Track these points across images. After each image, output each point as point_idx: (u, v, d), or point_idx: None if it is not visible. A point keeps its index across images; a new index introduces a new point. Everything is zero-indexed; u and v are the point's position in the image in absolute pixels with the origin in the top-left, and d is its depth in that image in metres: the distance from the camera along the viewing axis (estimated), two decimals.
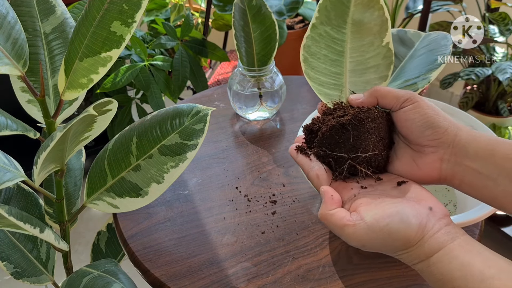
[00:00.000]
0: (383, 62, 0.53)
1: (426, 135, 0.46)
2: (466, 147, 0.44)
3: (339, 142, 0.47)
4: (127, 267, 0.71)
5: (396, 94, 0.48)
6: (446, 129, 0.45)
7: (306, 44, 0.54)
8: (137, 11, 0.54)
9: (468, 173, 0.44)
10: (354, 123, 0.47)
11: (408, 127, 0.47)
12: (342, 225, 0.43)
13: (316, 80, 0.54)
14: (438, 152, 0.46)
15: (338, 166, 0.48)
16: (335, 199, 0.45)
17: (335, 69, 0.54)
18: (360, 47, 0.54)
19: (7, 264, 0.73)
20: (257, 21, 0.88)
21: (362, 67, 0.54)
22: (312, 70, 0.54)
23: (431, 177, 0.46)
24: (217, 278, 0.64)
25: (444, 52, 0.57)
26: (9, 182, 0.54)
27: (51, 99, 0.66)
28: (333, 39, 0.54)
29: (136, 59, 1.39)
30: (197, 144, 0.63)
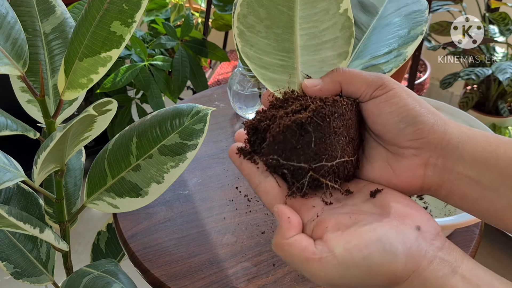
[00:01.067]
0: (341, 34, 0.42)
1: (407, 133, 0.35)
2: (460, 148, 0.34)
3: (296, 148, 0.35)
4: (127, 267, 0.71)
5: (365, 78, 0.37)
6: (432, 125, 0.35)
7: (241, 13, 0.40)
8: (137, 11, 0.54)
9: (460, 181, 0.34)
10: (316, 122, 0.35)
11: (382, 123, 0.36)
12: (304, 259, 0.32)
13: (257, 61, 0.41)
14: (422, 154, 0.35)
15: (295, 179, 0.36)
16: (294, 222, 0.34)
17: (282, 44, 0.41)
18: (312, 15, 0.41)
19: (7, 264, 0.73)
20: None
21: (317, 42, 0.41)
22: (251, 48, 0.41)
23: (411, 186, 0.36)
24: (217, 278, 0.64)
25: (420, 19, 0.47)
26: (9, 182, 0.54)
27: (51, 99, 0.66)
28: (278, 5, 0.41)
29: (136, 59, 1.39)
30: (197, 144, 0.63)
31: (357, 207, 0.35)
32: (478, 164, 0.34)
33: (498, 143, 0.34)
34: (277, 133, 0.36)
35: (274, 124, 0.36)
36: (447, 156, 0.35)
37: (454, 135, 0.35)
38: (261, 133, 0.38)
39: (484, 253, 1.42)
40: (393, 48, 0.46)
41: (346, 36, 0.42)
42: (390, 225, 0.32)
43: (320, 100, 0.37)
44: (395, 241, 0.31)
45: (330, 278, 0.32)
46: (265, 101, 0.40)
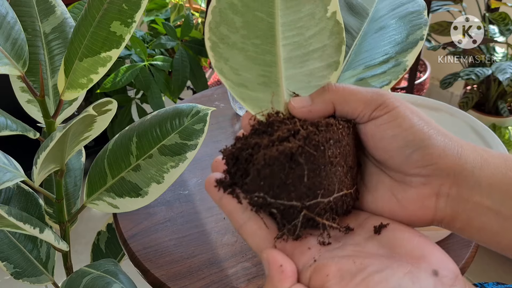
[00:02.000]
0: (330, 42, 0.36)
1: (414, 159, 0.30)
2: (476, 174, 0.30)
3: (286, 184, 0.29)
4: (127, 267, 0.71)
5: (362, 96, 0.31)
6: (444, 148, 0.30)
7: (213, 21, 0.35)
8: (137, 11, 0.54)
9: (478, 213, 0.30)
10: (309, 152, 0.29)
11: (384, 148, 0.31)
12: None
13: (233, 78, 0.34)
14: (432, 183, 0.30)
15: (286, 220, 0.30)
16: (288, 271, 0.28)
17: (263, 57, 0.35)
18: (296, 21, 0.35)
19: (7, 264, 0.73)
20: None
21: (303, 52, 0.35)
22: (226, 63, 0.34)
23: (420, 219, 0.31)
24: (217, 278, 0.64)
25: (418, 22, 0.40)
26: (9, 182, 0.54)
27: (50, 99, 0.66)
28: (255, 11, 0.34)
29: (136, 59, 1.39)
30: (197, 144, 0.63)
31: (360, 248, 0.30)
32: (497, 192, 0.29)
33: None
34: (262, 166, 0.29)
35: (259, 155, 0.30)
36: (461, 184, 0.30)
37: (469, 159, 0.30)
38: (243, 163, 0.31)
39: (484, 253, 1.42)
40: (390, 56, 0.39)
41: (336, 43, 0.36)
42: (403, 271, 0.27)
43: (312, 125, 0.31)
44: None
45: None
46: (246, 125, 0.33)
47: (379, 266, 0.27)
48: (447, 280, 0.27)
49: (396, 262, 0.27)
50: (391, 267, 0.27)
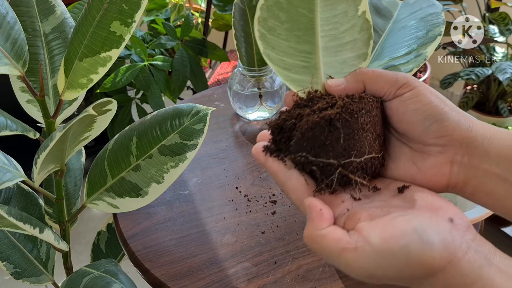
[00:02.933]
0: (360, 36, 0.42)
1: (432, 130, 0.35)
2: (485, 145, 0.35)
3: (325, 145, 0.35)
4: (127, 267, 0.71)
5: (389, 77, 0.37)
6: (458, 122, 0.35)
7: (261, 16, 0.41)
8: (137, 11, 0.54)
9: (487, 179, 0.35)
10: (345, 118, 0.35)
11: (407, 121, 0.36)
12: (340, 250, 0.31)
13: (279, 63, 0.41)
14: (447, 152, 0.35)
15: (325, 176, 0.36)
16: (326, 214, 0.33)
17: (304, 46, 0.41)
18: (332, 17, 0.42)
19: (7, 264, 0.73)
20: None
21: (337, 43, 0.42)
22: (272, 51, 0.41)
23: (437, 184, 0.36)
24: (217, 278, 0.64)
25: (437, 21, 0.48)
26: (9, 182, 0.54)
27: (50, 99, 0.66)
28: (298, 8, 0.41)
29: (136, 59, 1.39)
30: (197, 144, 0.63)
31: (386, 202, 0.35)
32: (504, 161, 0.34)
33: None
34: (305, 130, 0.35)
35: (302, 122, 0.36)
36: (472, 153, 0.35)
37: (479, 132, 0.35)
38: (287, 132, 0.37)
39: None
40: (412, 49, 0.47)
41: (365, 38, 0.42)
42: (424, 216, 0.32)
43: (347, 97, 0.37)
44: (431, 231, 0.31)
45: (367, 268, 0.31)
46: (289, 101, 0.40)
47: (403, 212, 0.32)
48: (461, 227, 0.32)
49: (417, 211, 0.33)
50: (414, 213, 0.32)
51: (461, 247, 0.31)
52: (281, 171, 0.37)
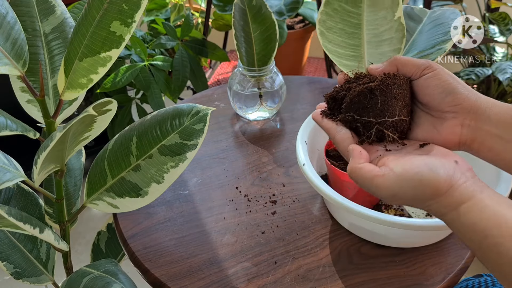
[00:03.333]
0: (396, 35, 0.58)
1: (447, 101, 0.47)
2: (487, 112, 0.45)
3: (367, 107, 0.48)
4: (127, 267, 0.71)
5: (416, 62, 0.49)
6: (466, 95, 0.46)
7: (321, 19, 0.58)
8: (137, 11, 0.54)
9: (488, 137, 0.45)
10: (382, 89, 0.48)
11: (429, 94, 0.48)
12: (372, 176, 0.43)
13: (334, 53, 0.58)
14: (459, 117, 0.46)
15: (366, 130, 0.49)
16: (364, 154, 0.46)
17: (353, 41, 0.58)
18: (374, 20, 0.58)
19: (7, 264, 0.73)
20: (257, 21, 0.88)
21: (378, 40, 0.58)
22: (329, 43, 0.58)
23: (451, 141, 0.47)
24: (217, 278, 0.64)
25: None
26: (9, 182, 0.54)
27: (50, 99, 0.66)
28: (349, 13, 0.58)
29: (136, 59, 1.39)
30: (197, 144, 0.63)
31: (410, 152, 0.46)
32: (501, 124, 0.44)
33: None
34: (353, 96, 0.48)
35: (351, 91, 0.49)
36: (477, 118, 0.46)
37: (483, 102, 0.46)
38: (339, 101, 0.50)
39: None
40: (435, 44, 0.61)
41: (399, 36, 0.58)
42: (435, 157, 0.44)
43: (385, 75, 0.49)
44: (438, 165, 0.42)
45: (392, 189, 0.43)
46: (341, 79, 0.52)
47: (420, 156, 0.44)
48: (463, 168, 0.43)
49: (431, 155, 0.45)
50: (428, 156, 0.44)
51: (460, 178, 0.42)
52: (333, 128, 0.50)
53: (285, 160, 0.84)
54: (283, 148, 0.87)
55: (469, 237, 0.40)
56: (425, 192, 0.42)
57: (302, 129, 0.71)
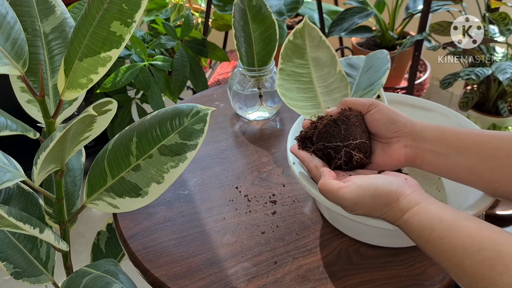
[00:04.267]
0: (341, 84, 0.72)
1: (391, 129, 0.58)
2: (423, 133, 0.57)
3: (333, 135, 0.58)
4: (127, 267, 0.71)
5: (362, 101, 0.61)
6: (404, 122, 0.58)
7: (279, 83, 0.71)
8: (137, 11, 0.54)
9: (426, 153, 0.57)
10: (343, 119, 0.59)
11: (376, 125, 0.60)
12: (338, 188, 0.53)
13: (296, 106, 0.70)
14: (401, 140, 0.58)
15: (336, 153, 0.58)
16: (332, 174, 0.56)
17: (309, 94, 0.71)
18: (322, 76, 0.72)
19: (7, 264, 0.73)
20: (257, 21, 0.88)
21: (328, 90, 0.72)
22: (291, 100, 0.70)
23: (399, 160, 0.59)
24: (217, 278, 0.64)
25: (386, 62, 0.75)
26: (9, 182, 0.54)
27: (50, 99, 0.66)
28: (300, 74, 0.72)
29: (136, 59, 1.39)
30: (197, 144, 0.63)
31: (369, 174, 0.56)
32: (434, 141, 0.56)
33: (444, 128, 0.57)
34: (321, 128, 0.59)
35: (319, 124, 0.60)
36: (416, 139, 0.58)
37: (418, 126, 0.58)
38: (309, 138, 0.61)
39: None
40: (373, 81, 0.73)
41: (344, 85, 0.72)
42: (388, 175, 0.54)
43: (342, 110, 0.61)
44: (391, 179, 0.53)
45: (353, 197, 0.52)
46: (306, 123, 0.63)
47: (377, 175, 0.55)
48: (412, 183, 0.53)
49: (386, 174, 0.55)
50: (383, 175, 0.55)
51: (408, 190, 0.52)
52: (308, 157, 0.60)
53: (285, 160, 0.84)
54: (283, 148, 0.87)
55: (419, 234, 0.49)
56: (381, 200, 0.51)
57: (294, 127, 0.71)
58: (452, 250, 0.45)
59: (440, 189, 0.75)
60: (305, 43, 0.73)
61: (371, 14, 1.49)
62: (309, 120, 0.63)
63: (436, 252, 0.47)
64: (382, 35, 1.63)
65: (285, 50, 0.72)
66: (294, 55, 0.73)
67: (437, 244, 0.47)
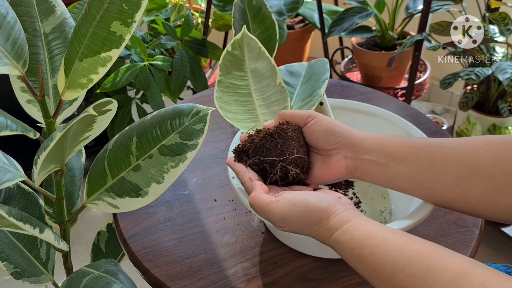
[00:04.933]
0: (281, 96, 0.68)
1: (330, 141, 0.56)
2: (362, 144, 0.55)
3: (270, 149, 0.55)
4: (127, 267, 0.71)
5: (299, 114, 0.58)
6: (343, 133, 0.56)
7: (217, 96, 0.67)
8: (137, 11, 0.54)
9: (366, 164, 0.55)
10: (280, 133, 0.56)
11: (314, 138, 0.57)
12: (268, 202, 0.51)
13: (234, 119, 0.66)
14: (341, 152, 0.56)
15: (272, 168, 0.55)
16: (264, 188, 0.53)
17: (247, 107, 0.67)
18: (261, 88, 0.68)
19: (7, 264, 0.73)
20: (257, 21, 0.88)
21: (267, 102, 0.68)
22: (229, 113, 0.66)
23: (340, 172, 0.57)
24: (217, 278, 0.64)
25: (325, 73, 0.72)
26: (9, 182, 0.54)
27: (51, 99, 0.66)
28: (238, 86, 0.68)
29: (136, 59, 1.39)
30: (197, 144, 0.63)
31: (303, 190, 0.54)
32: (374, 151, 0.54)
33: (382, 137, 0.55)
34: (257, 141, 0.56)
35: (255, 138, 0.57)
36: (355, 150, 0.56)
37: (358, 137, 0.56)
38: (246, 152, 0.58)
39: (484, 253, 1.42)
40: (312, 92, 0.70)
41: (284, 97, 0.68)
42: (321, 192, 0.53)
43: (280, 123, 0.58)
44: (323, 196, 0.51)
45: (282, 213, 0.50)
46: (244, 137, 0.59)
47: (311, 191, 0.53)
48: (344, 202, 0.51)
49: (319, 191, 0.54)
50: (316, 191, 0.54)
51: (340, 208, 0.50)
52: (243, 170, 0.57)
53: None
54: None
55: (350, 252, 0.47)
56: (311, 216, 0.50)
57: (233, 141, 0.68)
58: (383, 265, 0.44)
59: (385, 195, 0.75)
60: (243, 54, 0.69)
61: (371, 14, 1.49)
62: (246, 133, 0.59)
63: (368, 270, 0.46)
64: (382, 35, 1.63)
65: (224, 61, 0.68)
66: (233, 66, 0.68)
67: (368, 260, 0.45)
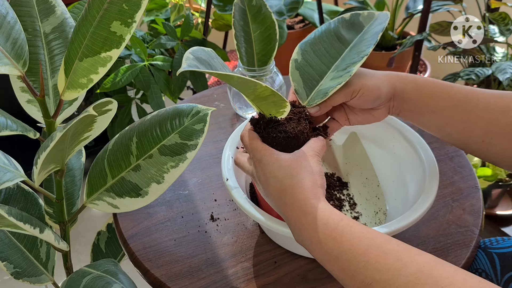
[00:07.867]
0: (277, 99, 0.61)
1: (377, 103, 0.63)
2: (402, 95, 0.62)
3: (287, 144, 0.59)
4: (127, 267, 0.71)
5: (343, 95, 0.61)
6: (386, 94, 0.62)
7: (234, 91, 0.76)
8: (137, 11, 0.54)
9: (404, 112, 0.63)
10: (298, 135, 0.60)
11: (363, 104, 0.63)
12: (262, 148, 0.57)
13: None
14: (386, 106, 0.64)
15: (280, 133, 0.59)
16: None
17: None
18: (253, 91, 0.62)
19: (7, 264, 0.73)
20: (257, 21, 0.88)
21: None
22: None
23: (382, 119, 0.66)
24: (217, 278, 0.64)
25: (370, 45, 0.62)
26: (9, 182, 0.54)
27: (51, 99, 0.66)
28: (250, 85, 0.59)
29: (136, 59, 1.39)
30: (197, 144, 0.63)
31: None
32: (411, 101, 0.62)
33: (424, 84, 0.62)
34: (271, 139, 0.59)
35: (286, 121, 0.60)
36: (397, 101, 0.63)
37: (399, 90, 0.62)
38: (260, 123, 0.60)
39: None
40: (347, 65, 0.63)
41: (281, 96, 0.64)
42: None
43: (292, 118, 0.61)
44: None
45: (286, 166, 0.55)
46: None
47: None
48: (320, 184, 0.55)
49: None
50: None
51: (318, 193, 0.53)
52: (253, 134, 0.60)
53: None
54: None
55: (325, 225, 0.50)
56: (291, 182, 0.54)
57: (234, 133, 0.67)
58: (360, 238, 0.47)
59: (379, 196, 0.74)
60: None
61: None
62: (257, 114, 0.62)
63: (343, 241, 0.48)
64: (382, 35, 1.63)
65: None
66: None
67: (345, 232, 0.48)
